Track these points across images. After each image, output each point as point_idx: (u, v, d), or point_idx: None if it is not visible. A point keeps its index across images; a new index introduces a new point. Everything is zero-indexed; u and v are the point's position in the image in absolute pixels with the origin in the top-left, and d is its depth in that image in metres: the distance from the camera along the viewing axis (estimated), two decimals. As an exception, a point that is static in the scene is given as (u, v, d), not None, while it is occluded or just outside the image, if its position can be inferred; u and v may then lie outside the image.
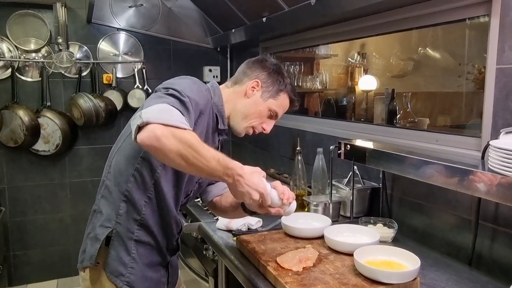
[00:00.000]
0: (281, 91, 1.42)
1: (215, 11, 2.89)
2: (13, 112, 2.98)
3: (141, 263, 1.32)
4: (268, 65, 1.43)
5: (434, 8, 1.60)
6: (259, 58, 1.47)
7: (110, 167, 1.35)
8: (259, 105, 1.40)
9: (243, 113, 1.41)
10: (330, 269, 1.29)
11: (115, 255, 1.29)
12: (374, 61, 3.48)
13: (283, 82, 1.43)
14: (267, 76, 1.41)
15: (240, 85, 1.42)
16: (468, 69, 2.42)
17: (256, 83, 1.40)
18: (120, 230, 1.30)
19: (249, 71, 1.42)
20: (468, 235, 1.46)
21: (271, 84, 1.41)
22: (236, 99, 1.41)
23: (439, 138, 1.66)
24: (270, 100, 1.41)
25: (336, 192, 1.93)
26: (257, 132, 1.46)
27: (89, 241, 1.33)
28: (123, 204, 1.30)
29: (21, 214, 3.20)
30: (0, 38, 3.01)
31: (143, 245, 1.33)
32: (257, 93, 1.40)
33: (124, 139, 1.34)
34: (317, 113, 3.40)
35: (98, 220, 1.33)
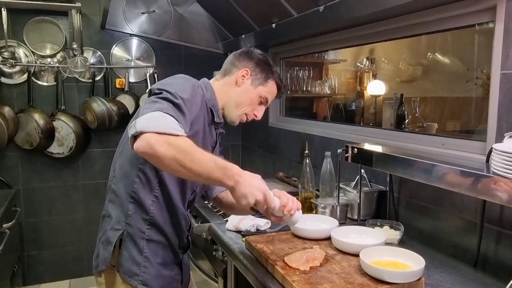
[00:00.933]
0: (269, 78, 1.50)
1: (226, 17, 2.95)
2: (29, 116, 3.07)
3: (154, 261, 1.36)
4: (254, 55, 1.50)
5: (440, 15, 1.62)
6: (245, 49, 1.53)
7: (115, 171, 1.39)
8: (250, 92, 1.47)
9: (235, 102, 1.47)
10: (337, 268, 1.32)
11: (127, 255, 1.33)
12: (383, 66, 3.51)
13: (270, 70, 1.50)
14: (255, 65, 1.48)
15: (230, 76, 1.49)
16: (477, 74, 2.44)
17: (245, 72, 1.47)
18: (131, 231, 1.34)
19: (237, 61, 1.49)
20: (473, 237, 1.48)
21: (259, 72, 1.48)
22: (228, 89, 1.47)
23: (445, 142, 1.68)
24: (260, 87, 1.48)
25: (344, 195, 1.96)
26: (250, 119, 1.53)
27: (101, 245, 1.38)
28: (131, 205, 1.34)
29: (35, 215, 3.28)
30: (18, 44, 3.10)
31: (155, 244, 1.37)
32: (247, 81, 1.47)
33: (125, 141, 1.36)
34: (326, 118, 3.43)
35: (108, 224, 1.37)
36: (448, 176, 1.29)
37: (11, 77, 3.12)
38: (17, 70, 3.13)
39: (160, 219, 1.36)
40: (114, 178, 1.38)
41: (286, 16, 2.24)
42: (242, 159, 3.81)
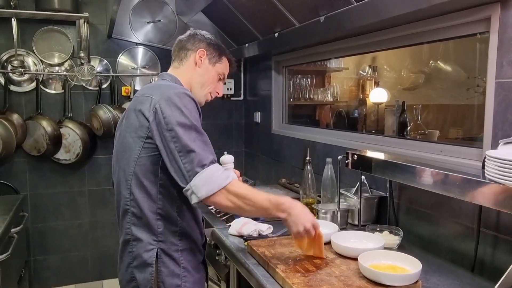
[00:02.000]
0: (222, 54, 1.58)
1: (230, 26, 3.01)
2: (37, 123, 3.13)
3: (191, 269, 1.42)
4: (203, 36, 1.56)
5: (439, 25, 1.67)
6: (191, 33, 1.58)
7: (131, 194, 1.36)
8: (210, 71, 1.55)
9: (200, 82, 1.54)
10: (336, 272, 1.36)
11: (166, 271, 1.36)
12: (385, 74, 3.54)
13: (221, 47, 1.58)
14: (207, 45, 1.55)
15: (187, 60, 1.53)
16: (478, 82, 2.47)
17: (202, 52, 1.53)
18: (164, 247, 1.36)
19: (189, 44, 1.54)
20: (471, 242, 1.51)
21: (213, 50, 1.55)
22: (189, 72, 1.53)
23: (443, 148, 1.72)
24: (217, 64, 1.56)
25: (345, 201, 2.00)
26: (213, 97, 1.60)
27: (135, 269, 1.37)
28: (160, 222, 1.36)
29: (42, 220, 3.34)
30: (27, 53, 3.17)
31: (187, 252, 1.42)
32: (205, 61, 1.53)
33: (132, 165, 1.35)
34: (328, 125, 3.47)
35: (139, 247, 1.37)
36: (444, 182, 1.32)
37: (20, 85, 3.19)
38: (26, 78, 3.20)
39: (187, 225, 1.41)
40: (133, 202, 1.36)
41: (288, 25, 2.30)
42: (245, 165, 3.85)
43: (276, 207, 1.33)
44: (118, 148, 1.46)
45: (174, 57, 1.58)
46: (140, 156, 1.33)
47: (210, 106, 3.68)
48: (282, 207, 1.33)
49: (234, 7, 2.63)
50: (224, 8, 2.71)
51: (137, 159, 1.34)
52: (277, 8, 2.23)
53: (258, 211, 1.34)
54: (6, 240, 2.27)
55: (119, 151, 1.43)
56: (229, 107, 3.78)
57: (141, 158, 1.33)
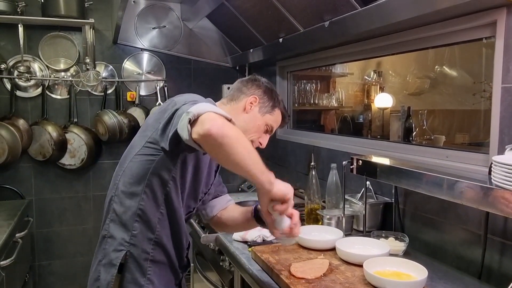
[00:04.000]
0: (276, 107, 1.49)
1: (234, 32, 3.01)
2: (43, 128, 3.15)
3: (157, 283, 1.31)
4: (262, 83, 1.50)
5: (444, 30, 1.66)
6: (252, 77, 1.52)
7: (117, 190, 1.33)
8: (258, 120, 1.46)
9: (243, 127, 1.36)
10: (341, 278, 1.34)
11: (130, 277, 1.28)
12: (390, 79, 3.53)
13: (277, 99, 1.50)
14: (263, 93, 1.47)
15: (237, 102, 1.46)
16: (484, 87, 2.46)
17: (254, 99, 1.45)
18: (135, 251, 1.28)
19: (245, 88, 1.48)
20: (477, 249, 1.49)
21: (267, 100, 1.47)
22: (235, 115, 1.39)
23: (449, 154, 1.70)
24: (267, 115, 1.47)
25: (350, 207, 1.98)
26: (254, 147, 1.43)
27: (102, 268, 1.30)
28: (137, 224, 1.28)
29: (47, 225, 3.34)
30: (33, 58, 3.20)
31: (158, 265, 1.32)
32: (255, 108, 1.45)
33: (128, 161, 1.33)
34: (333, 130, 3.46)
35: (110, 245, 1.30)
36: (450, 188, 1.31)
37: (26, 91, 3.21)
38: (32, 84, 3.22)
39: (165, 238, 1.33)
40: (116, 197, 1.32)
41: (292, 31, 2.30)
42: (250, 171, 3.84)
43: (267, 172, 1.16)
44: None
45: (228, 94, 1.52)
46: (137, 154, 1.29)
47: (215, 112, 3.71)
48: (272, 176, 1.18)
49: (239, 12, 2.64)
50: (229, 14, 2.72)
51: (133, 156, 1.31)
52: (281, 13, 2.23)
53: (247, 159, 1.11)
54: (11, 245, 2.27)
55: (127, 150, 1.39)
56: (233, 112, 3.77)
57: (137, 155, 1.29)
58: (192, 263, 2.68)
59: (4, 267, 2.04)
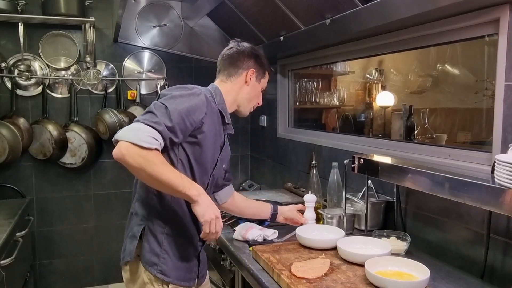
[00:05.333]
0: (265, 70, 1.69)
1: (235, 30, 3.00)
2: (43, 127, 3.14)
3: (172, 254, 1.47)
4: (251, 53, 1.64)
5: (446, 27, 1.64)
6: (237, 48, 1.64)
7: None
8: (257, 87, 1.67)
9: (247, 99, 1.66)
10: (342, 278, 1.33)
11: (148, 247, 1.45)
12: (392, 77, 3.51)
13: (264, 62, 1.68)
14: (255, 62, 1.64)
15: (237, 77, 1.63)
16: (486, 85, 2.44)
17: (252, 72, 1.63)
18: (151, 225, 1.46)
19: (239, 62, 1.62)
20: (480, 249, 1.48)
21: (260, 67, 1.66)
22: (237, 89, 1.63)
23: (451, 153, 1.69)
24: (262, 80, 1.68)
25: (351, 206, 1.97)
26: (255, 108, 1.73)
27: (128, 239, 1.50)
28: (154, 202, 1.46)
29: (48, 224, 3.34)
30: (33, 57, 3.19)
31: (174, 238, 1.47)
32: (253, 78, 1.64)
33: None
34: (334, 129, 3.44)
35: (135, 221, 1.50)
36: (452, 187, 1.29)
37: (26, 89, 3.21)
38: (33, 83, 3.21)
39: (180, 213, 1.48)
40: (140, 181, 1.49)
41: (293, 29, 2.28)
42: (251, 170, 3.84)
43: (189, 186, 1.33)
44: None
45: (222, 70, 1.66)
46: None
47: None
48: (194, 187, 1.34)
49: (240, 11, 2.62)
50: (230, 12, 2.70)
51: None
52: (282, 11, 2.21)
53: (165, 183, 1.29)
54: (11, 244, 2.26)
55: None
56: (234, 111, 3.77)
57: None
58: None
59: (4, 266, 2.03)
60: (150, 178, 1.29)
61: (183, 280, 1.49)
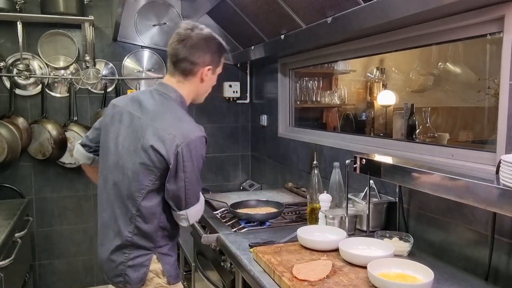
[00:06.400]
0: (220, 57, 1.62)
1: (235, 29, 2.98)
2: (42, 126, 3.12)
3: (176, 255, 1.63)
4: (207, 46, 1.53)
5: (449, 25, 1.62)
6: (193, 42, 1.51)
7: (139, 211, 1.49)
8: (213, 79, 1.64)
9: (204, 92, 1.66)
10: (344, 280, 1.31)
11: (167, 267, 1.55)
12: (393, 76, 3.49)
13: (219, 50, 1.59)
14: (211, 56, 1.56)
15: (194, 76, 1.56)
16: (489, 84, 2.42)
17: (208, 69, 1.57)
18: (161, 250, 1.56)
19: (194, 58, 1.52)
20: (484, 250, 1.46)
21: (216, 59, 1.59)
22: (194, 87, 1.59)
23: (455, 152, 1.67)
24: (217, 69, 1.64)
25: (353, 206, 1.95)
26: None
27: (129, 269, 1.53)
28: (159, 233, 1.53)
29: (47, 225, 3.32)
30: (32, 56, 3.17)
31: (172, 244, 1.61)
32: (209, 74, 1.58)
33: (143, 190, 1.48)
34: (335, 128, 3.42)
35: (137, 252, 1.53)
36: (457, 188, 1.27)
37: (25, 89, 3.18)
38: (31, 82, 3.19)
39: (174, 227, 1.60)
40: (139, 218, 1.49)
41: (294, 27, 2.26)
42: (251, 169, 3.81)
43: None
44: (123, 158, 1.52)
45: (175, 65, 1.55)
46: (153, 184, 1.47)
47: (216, 109, 3.69)
48: None
49: (240, 9, 2.60)
50: (230, 10, 2.68)
51: (150, 186, 1.47)
52: (283, 9, 2.19)
53: None
54: (10, 245, 2.25)
55: (124, 164, 1.51)
56: (235, 110, 3.75)
57: (154, 187, 1.47)
58: (193, 263, 2.66)
59: (2, 268, 2.02)
60: None
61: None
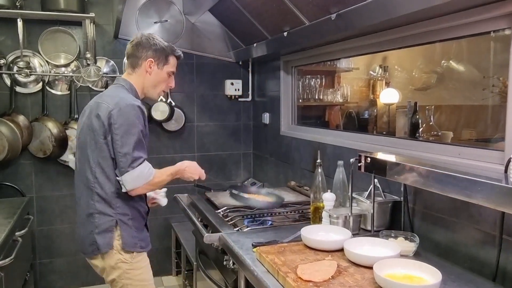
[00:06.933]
0: (168, 56, 1.87)
1: (238, 26, 2.95)
2: (43, 124, 3.10)
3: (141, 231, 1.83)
4: (148, 43, 1.82)
5: (455, 22, 1.59)
6: (137, 41, 1.84)
7: (96, 178, 1.74)
8: (160, 74, 1.87)
9: (151, 85, 1.87)
10: (350, 281, 1.29)
11: (126, 234, 1.76)
12: (396, 74, 3.47)
13: (166, 50, 1.85)
14: (154, 52, 1.83)
15: (139, 68, 1.84)
16: (493, 82, 2.39)
17: (151, 62, 1.83)
18: (121, 217, 1.76)
19: (139, 53, 1.83)
20: (492, 250, 1.44)
21: (160, 56, 1.84)
22: (142, 78, 1.85)
23: (461, 151, 1.64)
24: (165, 66, 1.87)
25: (357, 205, 1.92)
26: (166, 91, 2.07)
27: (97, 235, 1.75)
28: (117, 199, 1.75)
29: (48, 223, 3.30)
30: (33, 54, 3.14)
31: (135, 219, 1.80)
32: (154, 67, 1.84)
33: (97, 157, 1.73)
34: (338, 126, 3.40)
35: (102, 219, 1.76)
36: (465, 187, 1.25)
37: (26, 86, 3.16)
38: (32, 80, 3.17)
39: (135, 200, 1.80)
40: (97, 184, 1.75)
41: (297, 24, 2.23)
42: (253, 167, 3.79)
43: (174, 174, 1.84)
44: (81, 141, 1.81)
45: (127, 62, 1.87)
46: (101, 150, 1.71)
47: (218, 108, 3.67)
48: (178, 174, 1.86)
49: (242, 6, 2.57)
50: (232, 7, 2.65)
51: (99, 152, 1.72)
52: (286, 6, 2.16)
53: (165, 184, 1.83)
54: (10, 244, 2.22)
55: (82, 146, 1.78)
56: (237, 108, 3.73)
57: (102, 151, 1.71)
58: (195, 262, 2.64)
59: (3, 267, 1.99)
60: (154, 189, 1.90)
61: (148, 245, 1.87)
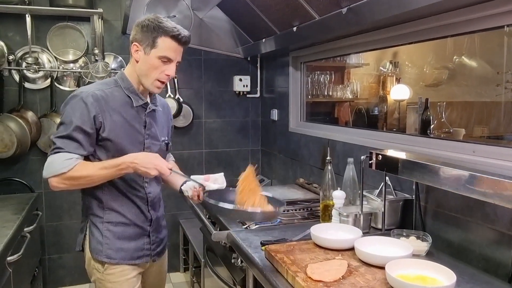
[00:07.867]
0: (156, 38, 1.54)
1: (246, 21, 2.92)
2: (52, 120, 3.10)
3: (115, 238, 1.63)
4: (136, 25, 1.58)
5: (468, 16, 1.55)
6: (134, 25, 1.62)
7: None
8: (148, 60, 1.56)
9: (142, 74, 1.59)
10: (361, 281, 1.26)
11: (93, 238, 1.64)
12: (407, 70, 3.41)
13: (154, 30, 1.54)
14: (141, 34, 1.55)
15: (131, 55, 1.62)
16: (507, 78, 2.34)
17: (135, 46, 1.57)
18: (92, 218, 1.65)
19: (130, 38, 1.60)
20: (507, 251, 1.40)
21: (144, 39, 1.55)
22: (134, 68, 1.61)
23: (476, 149, 1.60)
24: (152, 50, 1.55)
25: (367, 203, 1.89)
26: (164, 80, 1.61)
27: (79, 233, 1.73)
28: (88, 198, 1.65)
29: (56, 219, 3.31)
30: (41, 50, 3.14)
31: (115, 224, 1.64)
32: (140, 53, 1.57)
33: None
34: (347, 123, 3.36)
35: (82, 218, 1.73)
36: (481, 185, 1.21)
37: (34, 82, 3.17)
38: (40, 76, 3.17)
39: (115, 203, 1.63)
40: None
41: (307, 19, 2.20)
42: (261, 164, 3.77)
43: (117, 168, 1.51)
44: None
45: None
46: None
47: (226, 104, 3.64)
48: (123, 166, 1.50)
49: (251, 0, 2.54)
50: (241, 2, 2.62)
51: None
52: (296, 0, 2.13)
53: (100, 180, 1.54)
54: (19, 239, 2.23)
55: None
56: (245, 104, 3.70)
57: None
58: (202, 259, 2.62)
59: (11, 263, 2.00)
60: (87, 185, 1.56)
61: (131, 259, 1.66)
